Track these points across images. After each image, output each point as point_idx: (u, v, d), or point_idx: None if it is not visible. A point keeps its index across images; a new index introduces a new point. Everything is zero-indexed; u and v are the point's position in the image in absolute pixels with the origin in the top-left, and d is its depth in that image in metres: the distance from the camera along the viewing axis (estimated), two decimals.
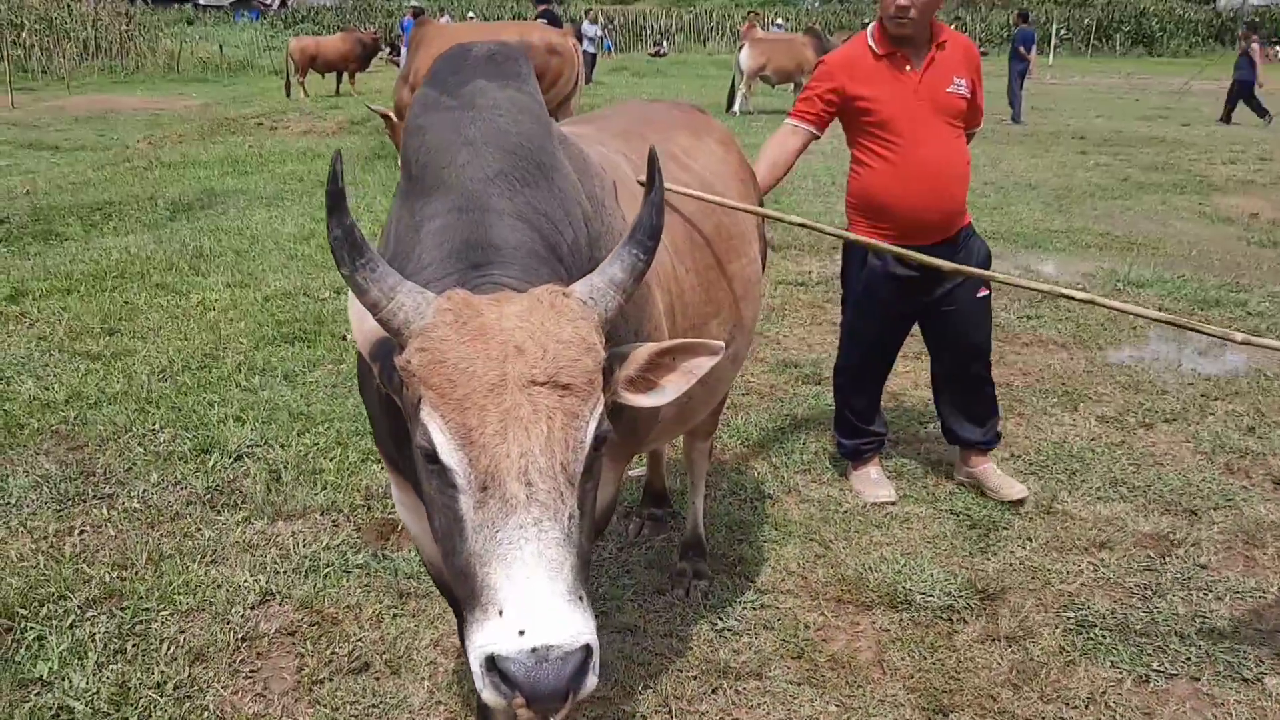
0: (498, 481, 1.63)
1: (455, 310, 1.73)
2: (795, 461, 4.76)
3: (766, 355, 6.18)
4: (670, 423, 3.08)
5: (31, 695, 3.07)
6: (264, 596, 3.61)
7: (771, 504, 4.40)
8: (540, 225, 2.10)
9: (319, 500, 4.25)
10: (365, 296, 1.74)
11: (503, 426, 1.65)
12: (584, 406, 1.71)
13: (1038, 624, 3.55)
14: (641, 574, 3.89)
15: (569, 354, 1.71)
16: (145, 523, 4.07)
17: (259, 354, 5.84)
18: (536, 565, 1.59)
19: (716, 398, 3.42)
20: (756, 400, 5.48)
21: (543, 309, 1.74)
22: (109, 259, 7.73)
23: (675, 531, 4.18)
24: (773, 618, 3.59)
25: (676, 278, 2.81)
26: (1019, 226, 9.75)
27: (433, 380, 1.69)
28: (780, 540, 4.08)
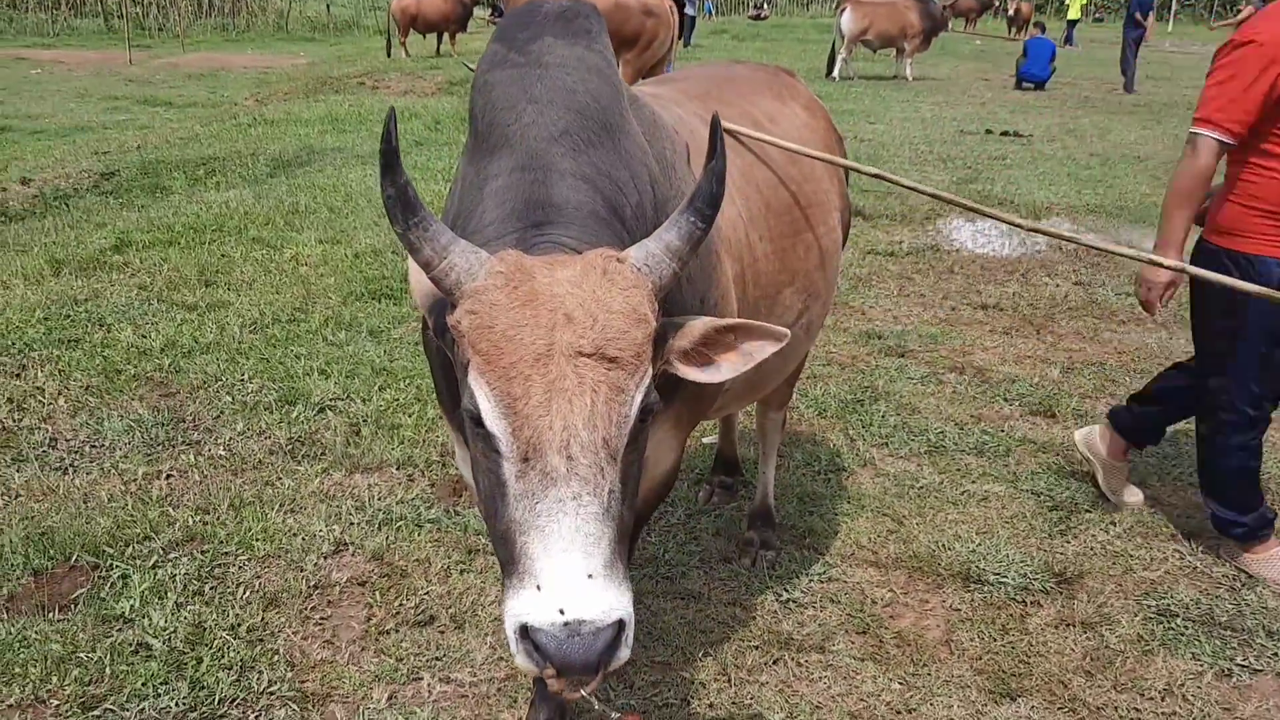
0: (539, 454, 1.63)
1: (507, 273, 1.72)
2: (873, 435, 4.68)
3: (850, 326, 6.08)
4: (741, 391, 3.04)
5: (113, 631, 3.19)
6: (337, 546, 3.69)
7: (845, 477, 4.32)
8: (603, 186, 2.07)
9: (395, 455, 4.32)
10: (418, 255, 1.74)
11: (547, 398, 1.64)
12: (630, 380, 1.69)
13: (1116, 610, 3.44)
14: (708, 541, 3.87)
15: (618, 325, 1.68)
16: (229, 470, 4.19)
17: (346, 309, 5.95)
18: (573, 539, 1.59)
19: (790, 367, 3.36)
20: (836, 371, 5.39)
21: (595, 275, 1.72)
22: (209, 213, 7.93)
23: (745, 500, 4.15)
24: (839, 591, 3.54)
25: (750, 245, 2.76)
26: (1124, 200, 9.39)
27: (480, 345, 1.68)
28: (852, 514, 4.03)
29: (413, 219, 1.73)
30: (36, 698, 2.90)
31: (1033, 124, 14.17)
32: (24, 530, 3.63)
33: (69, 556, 3.51)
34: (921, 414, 4.91)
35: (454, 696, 3.00)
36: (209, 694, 2.94)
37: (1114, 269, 7.31)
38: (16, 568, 3.45)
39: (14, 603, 3.30)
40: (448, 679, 3.07)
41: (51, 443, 4.34)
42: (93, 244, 7.02)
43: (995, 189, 9.62)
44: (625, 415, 1.68)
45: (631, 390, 1.69)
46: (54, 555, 3.51)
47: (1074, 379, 5.37)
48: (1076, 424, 4.80)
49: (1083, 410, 4.96)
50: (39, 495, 3.92)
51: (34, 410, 4.60)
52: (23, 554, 3.50)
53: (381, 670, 3.08)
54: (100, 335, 5.44)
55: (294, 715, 2.90)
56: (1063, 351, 5.77)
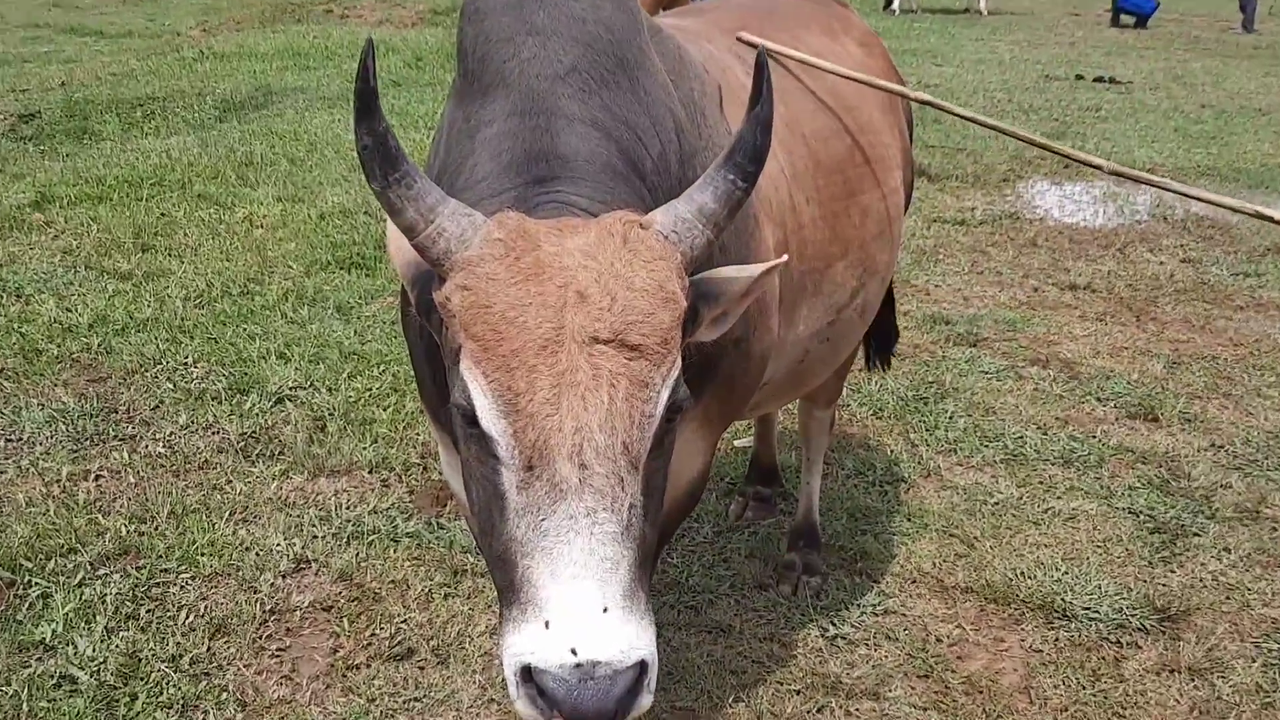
0: (546, 460, 1.62)
1: (507, 240, 1.70)
2: (938, 439, 4.66)
3: (912, 308, 6.06)
4: (781, 384, 3.03)
5: (31, 660, 3.19)
6: (298, 564, 3.71)
7: (905, 489, 4.30)
8: (619, 134, 2.06)
9: (368, 455, 4.32)
10: (400, 217, 1.73)
11: (555, 394, 1.63)
12: (655, 372, 1.68)
13: (1230, 654, 3.42)
14: (741, 564, 3.86)
15: (642, 305, 1.67)
16: (170, 470, 4.20)
17: (310, 281, 5.96)
18: (587, 565, 1.59)
19: (840, 356, 3.34)
20: (895, 363, 5.33)
21: (614, 244, 1.71)
22: (147, 163, 7.96)
23: (785, 516, 4.13)
24: (897, 626, 3.53)
25: (795, 209, 2.75)
26: (1242, 161, 9.35)
27: (475, 328, 1.67)
28: (913, 533, 4.01)
29: (394, 174, 1.72)
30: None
31: (1132, 68, 14.12)
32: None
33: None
34: (997, 415, 4.87)
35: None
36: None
37: (1230, 243, 7.26)
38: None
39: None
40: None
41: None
42: (8, 199, 7.05)
43: (1087, 146, 9.55)
44: (649, 414, 1.67)
45: (657, 384, 1.68)
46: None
47: (1181, 375, 5.33)
48: (1183, 429, 4.78)
49: (1191, 413, 4.93)
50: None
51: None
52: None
53: (349, 712, 3.08)
54: (17, 308, 5.46)
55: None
56: (1167, 342, 5.74)
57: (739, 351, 2.44)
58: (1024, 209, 7.98)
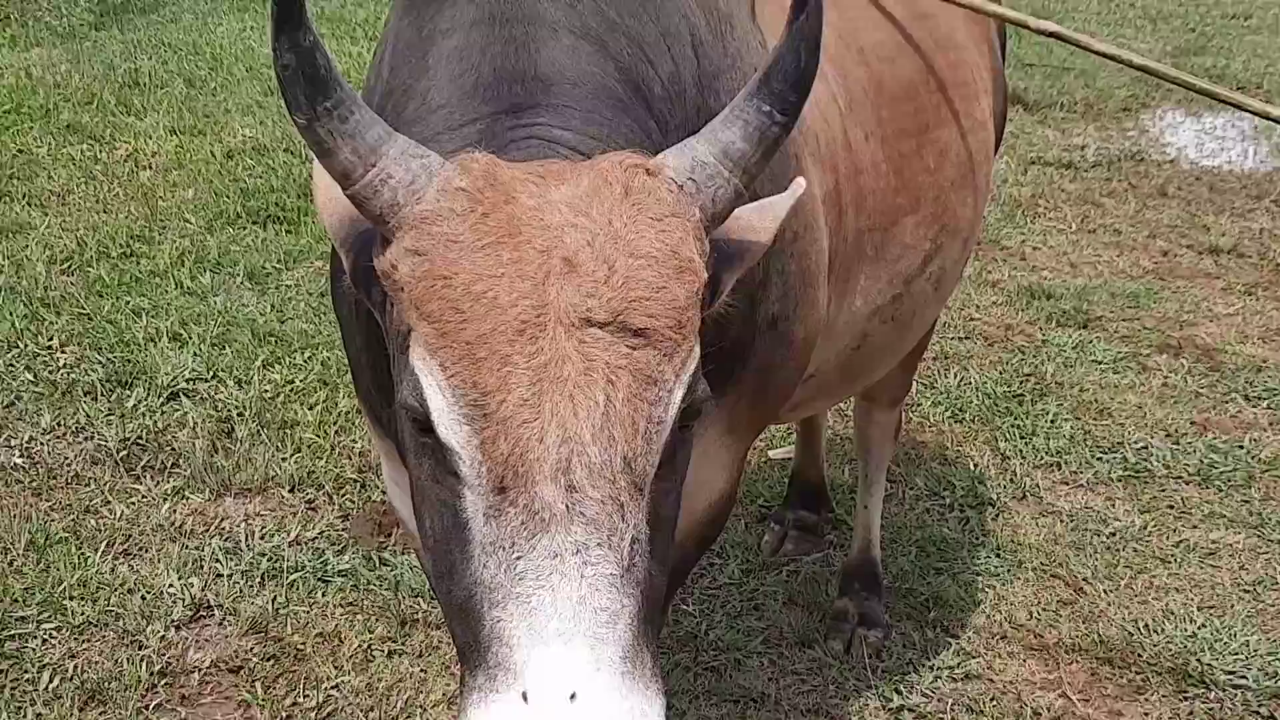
0: (524, 481, 1.62)
1: (472, 190, 1.69)
2: (1036, 450, 4.66)
3: (1003, 277, 6.05)
4: (832, 378, 3.04)
5: None
6: (197, 610, 3.74)
7: (991, 516, 4.32)
8: (618, 48, 2.06)
9: (288, 469, 4.34)
10: (332, 159, 1.72)
11: (536, 393, 1.62)
12: (666, 365, 1.68)
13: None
14: (778, 613, 3.87)
15: (649, 277, 1.67)
16: (29, 488, 4.18)
17: (213, 239, 5.94)
18: (576, 618, 1.58)
19: (908, 341, 3.37)
20: (980, 349, 5.37)
21: (612, 196, 1.71)
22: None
23: (835, 549, 4.14)
24: (982, 695, 3.53)
25: (850, 148, 2.76)
26: None
27: (430, 306, 1.67)
28: (1002, 574, 4.02)
29: (324, 102, 1.69)
30: None
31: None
32: None
33: None
34: (1114, 418, 4.87)
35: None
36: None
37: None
38: None
39: None
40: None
41: None
42: None
43: (1233, 65, 9.53)
44: (658, 420, 1.68)
45: (669, 380, 1.68)
46: None
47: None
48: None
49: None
50: None
51: None
52: None
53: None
54: None
55: None
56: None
57: (776, 334, 2.46)
58: (1150, 148, 7.94)
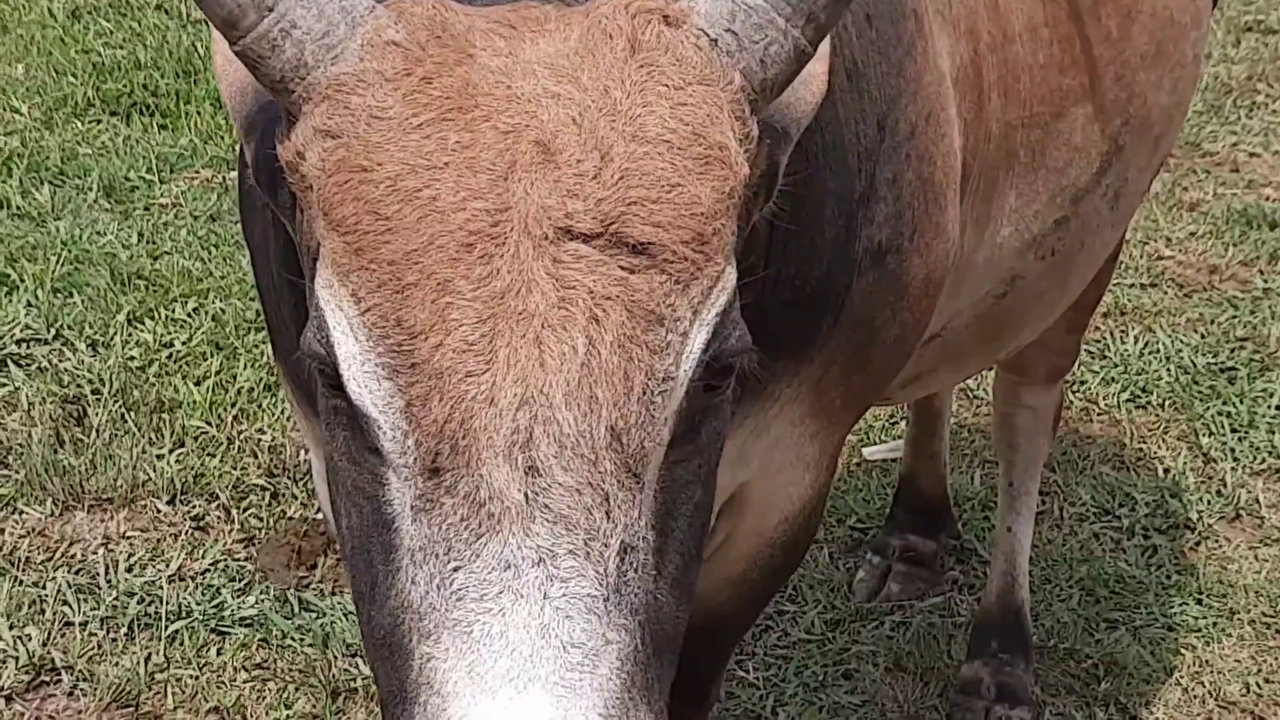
0: (465, 459, 1.62)
1: (410, 44, 1.73)
2: (1256, 449, 4.70)
3: (1205, 195, 6.06)
4: (965, 337, 3.11)
5: None
6: (37, 673, 3.86)
7: (1191, 543, 4.34)
8: None
9: (166, 471, 4.37)
10: (213, 2, 1.76)
11: (488, 334, 1.64)
12: (680, 296, 1.69)
13: None
14: (877, 684, 3.90)
15: (659, 170, 1.68)
16: None
17: (53, 137, 6.09)
18: (537, 658, 1.59)
19: (1075, 285, 3.41)
20: (1173, 301, 5.37)
21: (612, 54, 1.73)
22: None
23: (961, 591, 4.14)
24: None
25: (996, 5, 2.74)
26: None
27: (343, 210, 1.68)
28: (1207, 629, 4.05)
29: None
30: None
31: None
32: None
33: None
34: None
35: None
36: None
37: None
38: None
39: None
40: None
41: None
42: None
43: None
44: (664, 375, 1.69)
45: (683, 319, 1.70)
46: None
47: None
48: None
49: None
50: None
51: None
52: None
53: None
54: None
55: None
56: None
57: (884, 273, 2.51)
58: None
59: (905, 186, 2.42)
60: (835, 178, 2.36)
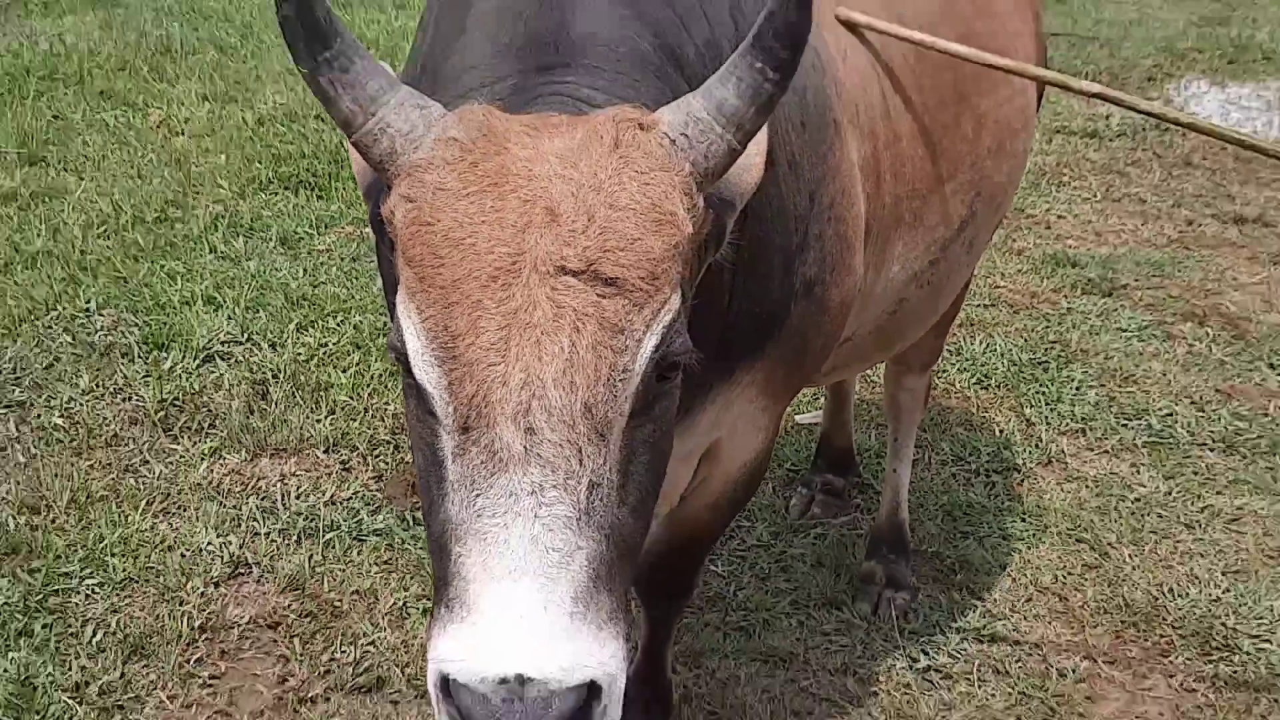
0: (485, 422, 1.67)
1: (466, 140, 1.74)
2: (1062, 417, 4.70)
3: (1028, 245, 6.05)
4: (866, 342, 3.07)
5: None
6: (235, 568, 3.78)
7: (1017, 481, 4.35)
8: (654, 12, 2.09)
9: (322, 430, 4.38)
10: (334, 108, 1.77)
11: (504, 337, 1.67)
12: (636, 315, 1.71)
13: None
14: (805, 575, 3.91)
15: (626, 228, 1.70)
16: (69, 447, 4.21)
17: (246, 205, 5.96)
18: (526, 557, 1.62)
19: (941, 306, 3.40)
20: (1006, 316, 5.38)
21: (600, 149, 1.74)
22: (34, 51, 7.90)
23: (861, 514, 4.19)
24: (1008, 658, 3.55)
25: (889, 115, 2.77)
26: None
27: (413, 250, 1.72)
28: (1028, 538, 4.05)
29: (324, 53, 1.75)
30: None
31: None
32: None
33: None
34: (1138, 385, 4.90)
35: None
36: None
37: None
38: None
39: None
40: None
41: None
42: None
43: (1259, 35, 9.46)
44: (624, 369, 1.71)
45: (637, 330, 1.72)
46: None
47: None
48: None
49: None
50: None
51: None
52: None
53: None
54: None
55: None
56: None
57: (812, 299, 2.47)
58: None
59: (827, 240, 2.47)
60: (779, 235, 2.36)
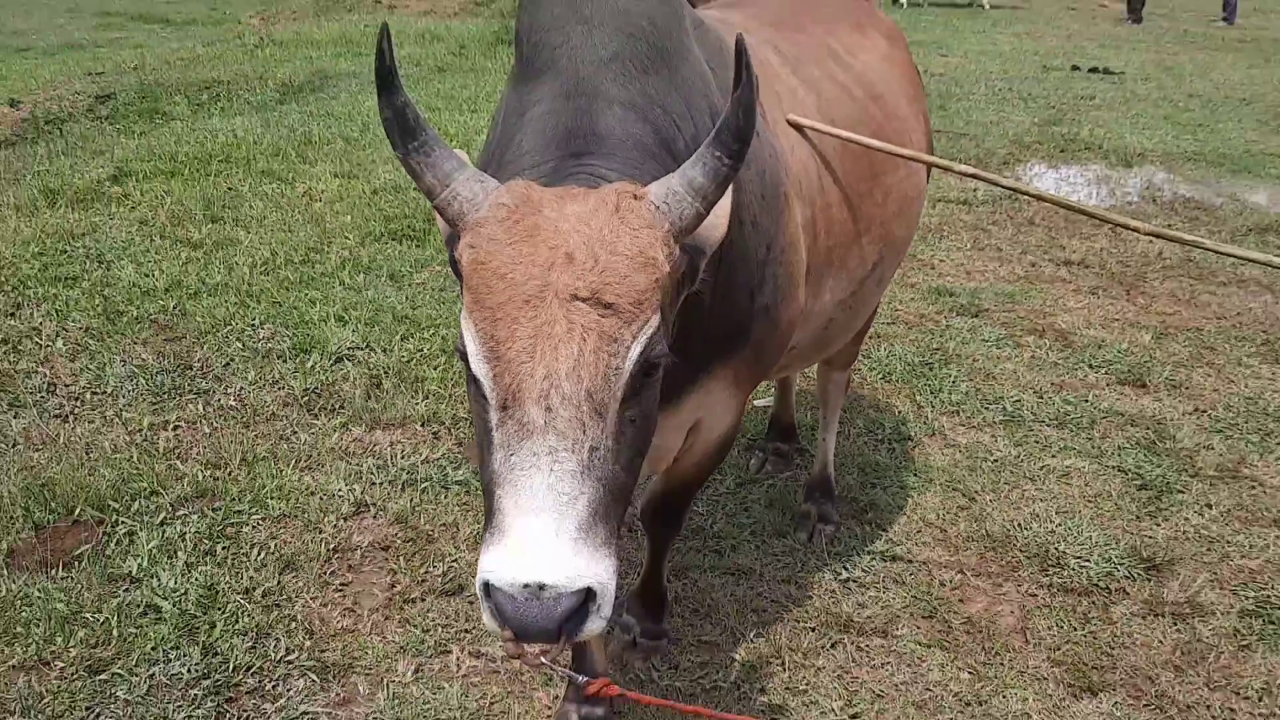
0: (518, 402, 1.68)
1: (510, 205, 1.76)
2: (942, 402, 4.67)
3: (919, 281, 6.05)
4: (806, 348, 3.06)
5: (120, 591, 3.27)
6: (358, 507, 3.77)
7: (911, 447, 4.32)
8: (654, 117, 2.09)
9: (419, 410, 4.37)
10: (420, 182, 1.80)
11: (533, 343, 1.68)
12: (626, 329, 1.72)
13: (1210, 601, 3.44)
14: (761, 513, 3.90)
15: (620, 268, 1.72)
16: (240, 422, 4.25)
17: (364, 251, 6.00)
18: (544, 497, 1.64)
19: (858, 322, 3.37)
20: (903, 331, 5.38)
21: (605, 212, 1.75)
22: (215, 142, 7.99)
23: (800, 470, 4.18)
24: (904, 572, 3.56)
25: (823, 189, 2.78)
26: (1226, 147, 9.23)
27: (472, 281, 1.73)
28: (918, 488, 4.04)
29: (412, 143, 1.79)
30: (40, 659, 2.99)
31: (1125, 60, 13.96)
32: (23, 481, 3.72)
33: (71, 510, 3.60)
34: (996, 380, 4.88)
35: (484, 672, 3.06)
36: (223, 660, 3.02)
37: (1214, 223, 7.21)
38: (16, 520, 3.54)
39: (14, 558, 3.40)
40: (478, 653, 3.12)
41: (50, 388, 4.42)
42: (89, 174, 7.09)
43: (1082, 132, 9.50)
44: (615, 368, 1.72)
45: (627, 340, 1.72)
46: (56, 509, 3.60)
47: (1168, 345, 5.32)
48: (1170, 395, 4.78)
49: (1176, 380, 4.92)
50: (38, 444, 4.01)
51: (30, 353, 4.68)
52: (22, 506, 3.59)
53: (407, 641, 3.15)
54: (99, 273, 5.51)
55: (314, 686, 2.98)
56: (1155, 315, 5.72)
57: (768, 319, 2.47)
58: None
59: (779, 278, 2.47)
60: (744, 274, 2.37)
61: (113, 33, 15.70)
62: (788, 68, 2.81)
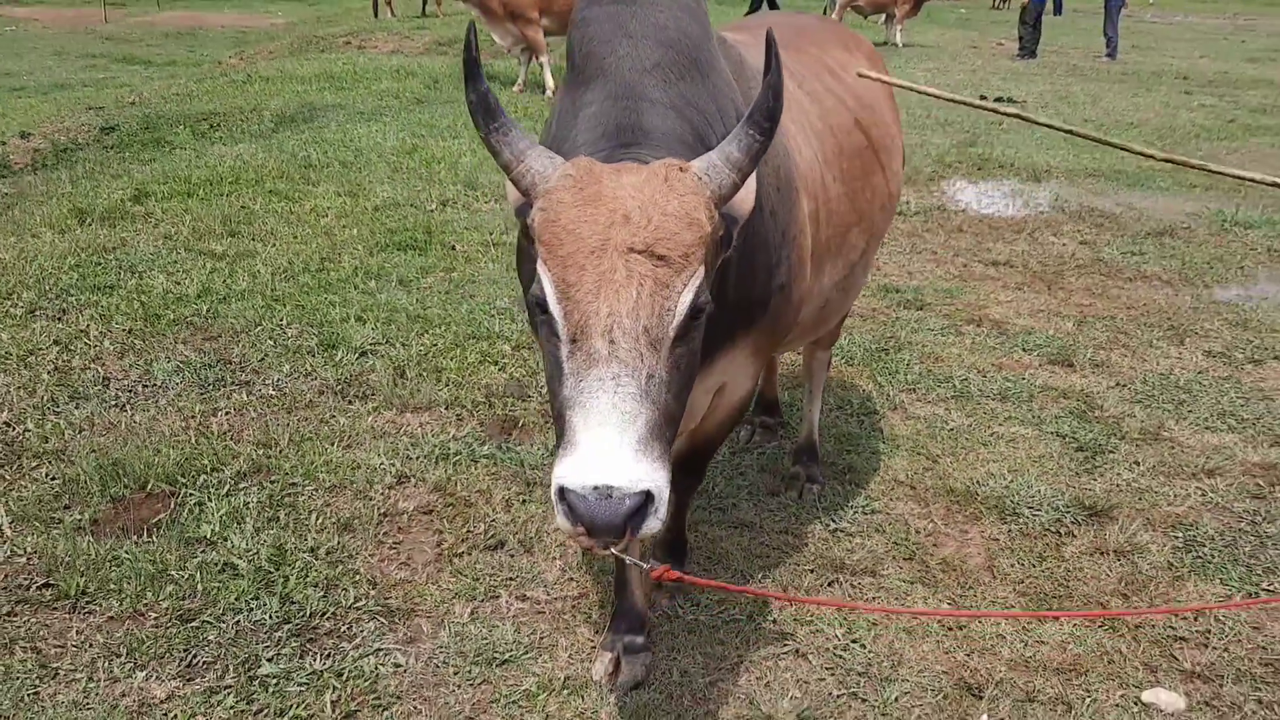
0: (586, 336, 1.79)
1: (576, 176, 1.87)
2: (900, 381, 4.86)
3: (868, 280, 6.19)
4: (807, 324, 3.20)
5: (198, 552, 3.34)
6: (400, 478, 3.84)
7: (878, 419, 4.48)
8: (691, 116, 2.22)
9: (443, 395, 4.45)
10: (498, 158, 1.91)
11: (597, 287, 1.79)
12: (677, 277, 1.83)
13: (1145, 541, 3.65)
14: (755, 476, 4.05)
15: (670, 226, 1.83)
16: (283, 408, 4.31)
17: (373, 260, 6.05)
18: (609, 414, 1.75)
19: (849, 303, 3.54)
20: (859, 323, 5.56)
21: (656, 181, 1.87)
22: (223, 165, 7.97)
23: (784, 440, 4.34)
24: (883, 522, 3.73)
25: (824, 186, 2.92)
26: (1121, 164, 9.58)
27: (545, 237, 1.85)
28: (888, 452, 4.21)
29: (493, 124, 1.92)
30: (136, 610, 3.06)
31: (1025, 90, 14.36)
32: (95, 461, 3.76)
33: (144, 485, 3.66)
34: (944, 362, 5.06)
35: (531, 612, 3.18)
36: (299, 608, 3.11)
37: (1117, 229, 7.52)
38: (94, 494, 3.59)
39: (98, 526, 3.45)
40: (523, 597, 3.25)
41: (105, 381, 4.45)
42: (112, 195, 7.05)
43: (995, 152, 9.81)
44: (668, 309, 1.83)
45: (678, 287, 1.83)
46: (129, 484, 3.66)
47: (1088, 331, 5.56)
48: (1094, 373, 5.02)
49: (1099, 360, 5.16)
50: (103, 429, 4.05)
51: (82, 351, 4.69)
52: (98, 482, 3.64)
53: (460, 589, 3.26)
54: (134, 282, 5.52)
55: (383, 628, 3.08)
56: (1074, 306, 5.96)
57: (783, 295, 2.62)
58: (948, 202, 8.16)
59: (791, 260, 2.61)
60: (762, 255, 2.49)
61: (98, 74, 15.53)
62: (793, 81, 2.98)
